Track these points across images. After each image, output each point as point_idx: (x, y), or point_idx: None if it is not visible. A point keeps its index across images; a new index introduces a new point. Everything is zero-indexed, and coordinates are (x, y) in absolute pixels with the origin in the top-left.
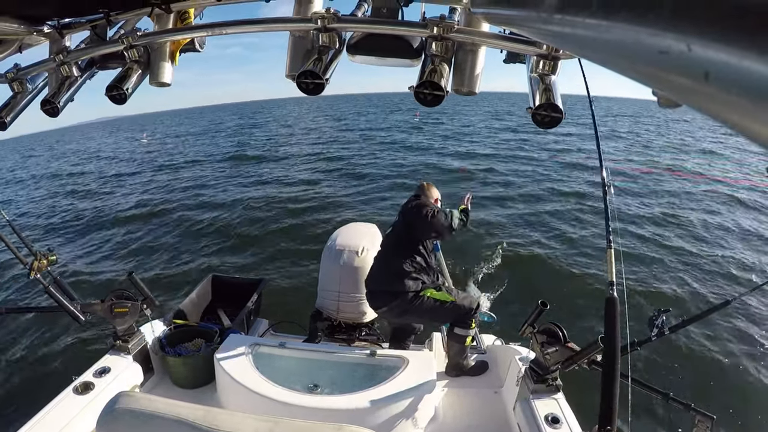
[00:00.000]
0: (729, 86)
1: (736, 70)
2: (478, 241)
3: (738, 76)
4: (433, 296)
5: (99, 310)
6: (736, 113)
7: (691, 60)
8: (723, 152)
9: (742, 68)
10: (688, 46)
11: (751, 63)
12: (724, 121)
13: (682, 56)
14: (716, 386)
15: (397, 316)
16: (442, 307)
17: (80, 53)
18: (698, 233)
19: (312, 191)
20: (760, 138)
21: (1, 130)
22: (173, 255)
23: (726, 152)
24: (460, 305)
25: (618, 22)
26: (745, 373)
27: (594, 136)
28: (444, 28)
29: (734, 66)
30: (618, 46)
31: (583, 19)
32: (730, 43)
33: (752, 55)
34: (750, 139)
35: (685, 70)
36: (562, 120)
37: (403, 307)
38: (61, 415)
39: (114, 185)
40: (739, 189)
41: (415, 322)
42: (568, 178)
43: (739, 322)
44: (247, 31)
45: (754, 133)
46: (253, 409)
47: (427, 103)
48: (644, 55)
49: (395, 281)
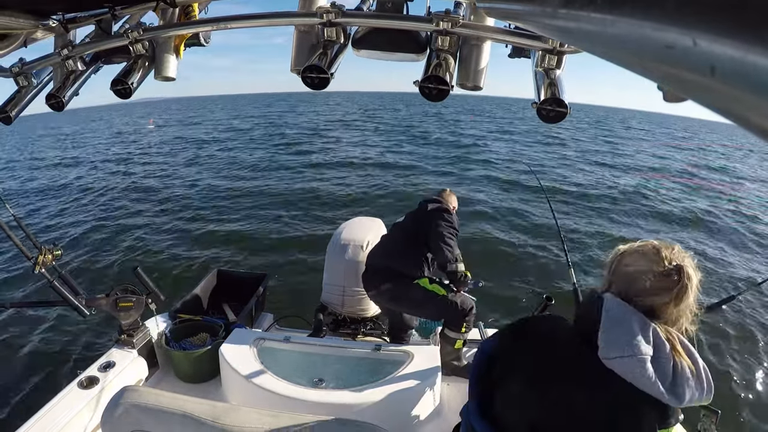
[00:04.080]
0: (734, 80)
1: (741, 65)
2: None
3: (743, 70)
4: (424, 286)
5: (104, 304)
6: (742, 107)
7: (697, 54)
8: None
9: (747, 62)
10: (693, 41)
11: (757, 57)
12: (729, 116)
13: (687, 51)
14: (721, 381)
15: (388, 301)
16: (433, 299)
17: (85, 48)
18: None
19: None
20: (763, 131)
21: (6, 124)
22: (178, 249)
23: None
24: (451, 302)
25: (623, 17)
26: (750, 367)
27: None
28: (449, 23)
29: (739, 60)
30: (623, 41)
31: (589, 14)
32: (735, 37)
33: (757, 49)
34: (755, 134)
35: (690, 65)
36: (567, 115)
37: (394, 292)
38: (66, 410)
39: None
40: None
41: (405, 312)
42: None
43: (742, 317)
44: (252, 26)
45: (759, 127)
46: (257, 404)
47: (432, 98)
48: (650, 49)
49: (393, 260)
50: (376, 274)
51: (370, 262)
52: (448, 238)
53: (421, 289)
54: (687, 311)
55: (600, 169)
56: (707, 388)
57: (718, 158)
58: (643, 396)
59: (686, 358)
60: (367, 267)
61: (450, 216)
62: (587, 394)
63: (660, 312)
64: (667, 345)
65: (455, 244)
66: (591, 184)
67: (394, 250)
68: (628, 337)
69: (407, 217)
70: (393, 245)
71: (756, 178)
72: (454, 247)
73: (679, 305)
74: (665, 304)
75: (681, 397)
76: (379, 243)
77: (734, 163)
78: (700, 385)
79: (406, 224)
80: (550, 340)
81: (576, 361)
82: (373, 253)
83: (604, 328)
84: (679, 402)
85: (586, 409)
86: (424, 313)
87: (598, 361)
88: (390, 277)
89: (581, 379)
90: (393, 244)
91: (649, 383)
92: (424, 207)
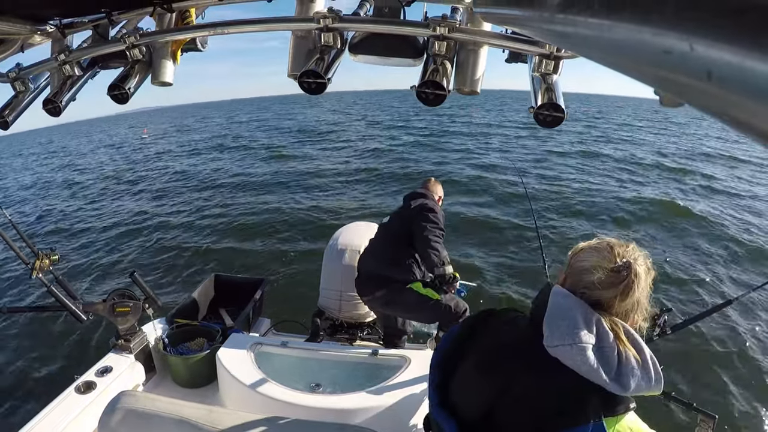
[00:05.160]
0: (731, 85)
1: (738, 70)
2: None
3: (740, 76)
4: (417, 290)
5: (101, 309)
6: (738, 112)
7: (694, 59)
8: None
9: (744, 67)
10: (690, 46)
11: (754, 63)
12: (725, 120)
13: (684, 56)
14: (718, 386)
15: (382, 306)
16: (426, 303)
17: (82, 53)
18: (700, 232)
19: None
20: (761, 136)
21: (3, 129)
22: (175, 254)
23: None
24: (444, 305)
25: (621, 22)
26: (748, 372)
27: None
28: (446, 28)
29: (736, 65)
30: (620, 46)
31: (586, 19)
32: (732, 42)
33: (755, 54)
34: (751, 137)
35: (687, 70)
36: (564, 120)
37: (388, 297)
38: (63, 415)
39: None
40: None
41: (400, 316)
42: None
43: (741, 321)
44: (249, 31)
45: (755, 131)
46: (255, 409)
47: (429, 103)
48: (647, 54)
49: (385, 266)
50: (370, 280)
51: (361, 268)
52: (434, 242)
53: (414, 293)
54: (637, 308)
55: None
56: (655, 377)
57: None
58: (588, 384)
59: (631, 347)
60: (359, 273)
61: (435, 215)
62: (534, 380)
63: (607, 306)
64: (611, 334)
65: (442, 246)
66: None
67: (383, 256)
68: (570, 327)
69: (392, 217)
70: (382, 250)
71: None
72: (441, 249)
73: (625, 300)
74: (611, 298)
75: (626, 386)
76: (367, 248)
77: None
78: (646, 374)
79: (393, 225)
80: (507, 330)
81: (526, 349)
82: (364, 259)
83: (549, 317)
84: (623, 390)
85: (534, 396)
86: (419, 316)
87: (545, 349)
88: (383, 284)
89: (529, 366)
90: (382, 248)
91: (592, 371)
92: (408, 205)
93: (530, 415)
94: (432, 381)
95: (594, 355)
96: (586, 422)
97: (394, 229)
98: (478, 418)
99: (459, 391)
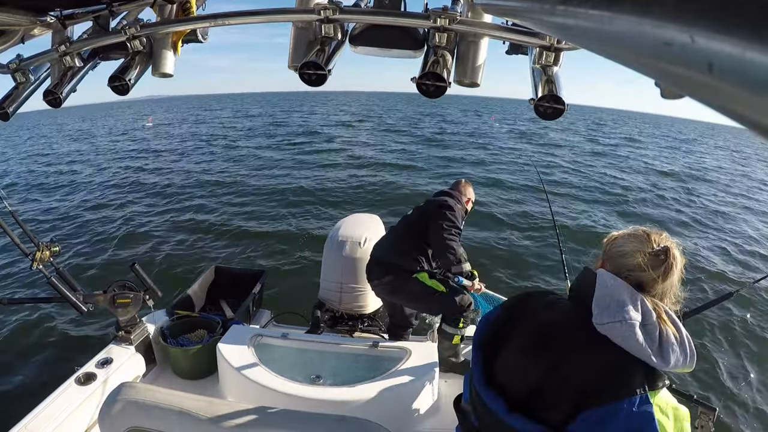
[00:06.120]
0: (732, 77)
1: (739, 61)
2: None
3: (741, 68)
4: (423, 281)
5: (101, 301)
6: (739, 104)
7: (695, 51)
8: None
9: (744, 59)
10: (691, 37)
11: (755, 54)
12: (726, 112)
13: (685, 48)
14: (718, 378)
15: (388, 294)
16: (431, 295)
17: (83, 44)
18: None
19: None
20: (761, 129)
21: (4, 120)
22: (176, 246)
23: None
24: (449, 299)
25: (622, 14)
26: (748, 365)
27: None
28: (447, 19)
29: (737, 57)
30: (621, 38)
31: (587, 10)
32: (733, 34)
33: (755, 46)
34: (751, 130)
35: (688, 62)
36: (564, 111)
37: (394, 285)
38: (63, 406)
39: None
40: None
41: (404, 304)
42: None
43: (741, 313)
44: (250, 22)
45: (755, 124)
46: (255, 400)
47: (429, 95)
48: (648, 46)
49: (392, 254)
50: (379, 266)
51: (373, 254)
52: (449, 240)
53: (420, 284)
54: (671, 290)
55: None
56: (690, 354)
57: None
58: (633, 359)
59: (671, 325)
60: (371, 258)
61: (453, 214)
62: (584, 357)
63: (648, 287)
64: (653, 313)
65: (458, 244)
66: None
67: (394, 244)
68: (620, 305)
69: (414, 211)
70: (395, 239)
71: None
72: (457, 248)
73: (665, 282)
74: (653, 280)
75: (668, 360)
76: (385, 235)
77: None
78: (684, 351)
79: (412, 219)
80: (548, 311)
81: (574, 328)
82: (378, 245)
83: (598, 297)
84: (665, 365)
85: (584, 372)
86: (423, 307)
87: (592, 327)
88: (390, 270)
89: (578, 344)
90: (395, 237)
91: (639, 346)
92: (430, 201)
93: (579, 390)
94: (476, 361)
95: (641, 332)
96: (633, 394)
97: (412, 222)
98: (525, 397)
99: (504, 371)
